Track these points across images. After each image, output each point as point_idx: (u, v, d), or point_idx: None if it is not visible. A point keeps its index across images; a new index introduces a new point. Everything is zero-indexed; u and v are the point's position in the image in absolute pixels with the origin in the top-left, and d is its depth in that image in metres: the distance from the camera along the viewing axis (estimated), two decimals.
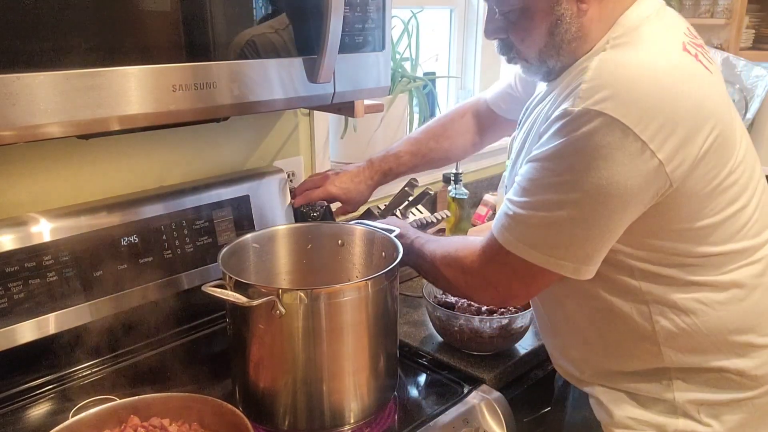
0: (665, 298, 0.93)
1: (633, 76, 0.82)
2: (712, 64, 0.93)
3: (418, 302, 1.41)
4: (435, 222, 1.50)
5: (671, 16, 0.96)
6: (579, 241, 0.87)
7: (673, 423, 0.96)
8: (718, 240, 0.91)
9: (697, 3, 2.69)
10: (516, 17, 0.93)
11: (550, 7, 0.89)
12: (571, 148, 0.83)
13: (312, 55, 1.00)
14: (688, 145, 0.83)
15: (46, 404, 1.08)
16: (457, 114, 1.40)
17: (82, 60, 0.78)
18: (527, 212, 0.89)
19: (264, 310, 0.91)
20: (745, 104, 2.48)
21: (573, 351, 1.07)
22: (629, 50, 0.87)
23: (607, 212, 0.85)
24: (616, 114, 0.80)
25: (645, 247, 0.91)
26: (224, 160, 1.39)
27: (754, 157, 0.99)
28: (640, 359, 0.98)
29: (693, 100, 0.84)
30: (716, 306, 0.93)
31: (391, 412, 1.07)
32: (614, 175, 0.82)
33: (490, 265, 0.96)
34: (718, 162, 0.87)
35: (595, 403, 1.04)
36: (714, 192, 0.88)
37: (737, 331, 0.94)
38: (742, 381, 0.96)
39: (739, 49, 2.62)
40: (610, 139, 0.80)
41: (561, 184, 0.85)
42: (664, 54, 0.87)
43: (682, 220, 0.89)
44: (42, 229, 1.07)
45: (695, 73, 0.87)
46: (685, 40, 0.91)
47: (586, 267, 0.89)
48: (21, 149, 1.10)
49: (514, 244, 0.90)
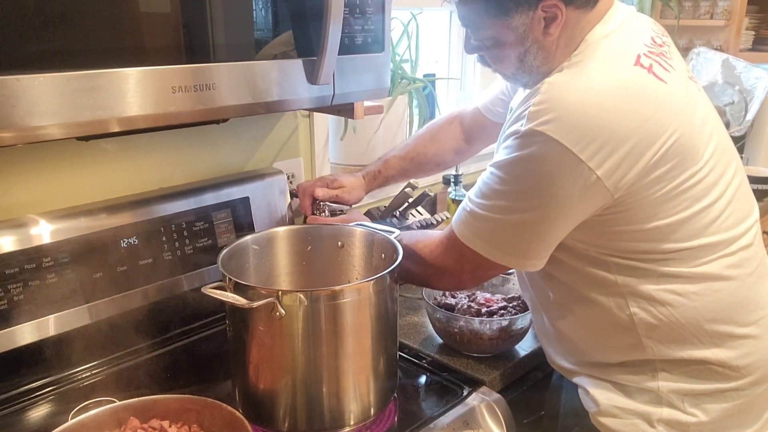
0: (641, 290, 0.98)
1: (576, 99, 0.89)
2: (673, 70, 0.96)
3: (418, 304, 1.41)
4: (435, 223, 1.50)
5: (637, 26, 0.99)
6: (525, 241, 0.98)
7: (658, 412, 1.00)
8: (686, 236, 0.95)
9: (696, 4, 2.69)
10: (489, 45, 1.01)
11: (519, 40, 0.97)
12: (519, 164, 0.93)
13: (312, 57, 1.00)
14: (632, 160, 0.89)
15: (45, 406, 1.08)
16: (445, 122, 1.44)
17: (82, 61, 0.78)
18: (483, 212, 0.98)
19: (264, 311, 0.91)
20: (745, 105, 2.48)
21: (562, 344, 1.12)
22: (578, 71, 0.92)
23: (549, 219, 0.94)
24: (556, 135, 0.88)
25: (611, 245, 0.98)
26: (224, 162, 1.39)
27: (727, 151, 1.02)
28: (624, 351, 1.02)
29: (638, 118, 0.89)
30: (691, 296, 0.97)
31: (390, 414, 1.06)
32: (555, 188, 0.91)
33: (447, 254, 1.05)
34: (675, 167, 0.92)
35: (583, 393, 1.08)
36: (669, 195, 0.93)
37: (714, 321, 0.97)
38: (725, 372, 0.98)
39: (738, 51, 2.62)
40: (552, 158, 0.89)
41: (511, 193, 0.95)
42: (612, 72, 0.92)
43: (632, 222, 0.94)
44: (42, 230, 1.07)
45: (644, 88, 0.91)
46: (643, 50, 0.94)
47: (531, 261, 0.99)
48: (21, 151, 1.10)
49: (469, 238, 1.00)
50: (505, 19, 0.94)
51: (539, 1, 0.92)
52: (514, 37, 0.96)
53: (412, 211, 1.47)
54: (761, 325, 1.00)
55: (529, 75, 1.00)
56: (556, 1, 0.91)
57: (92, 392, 1.09)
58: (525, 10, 0.93)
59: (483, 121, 1.38)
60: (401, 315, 1.37)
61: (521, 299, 1.30)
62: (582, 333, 1.07)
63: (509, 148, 0.93)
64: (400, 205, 1.42)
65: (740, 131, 2.44)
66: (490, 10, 0.95)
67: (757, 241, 1.04)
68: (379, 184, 1.41)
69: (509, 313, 1.25)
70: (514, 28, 0.95)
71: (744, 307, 0.99)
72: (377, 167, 1.41)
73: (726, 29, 2.64)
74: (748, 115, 2.47)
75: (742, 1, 2.57)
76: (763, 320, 1.00)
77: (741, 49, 2.65)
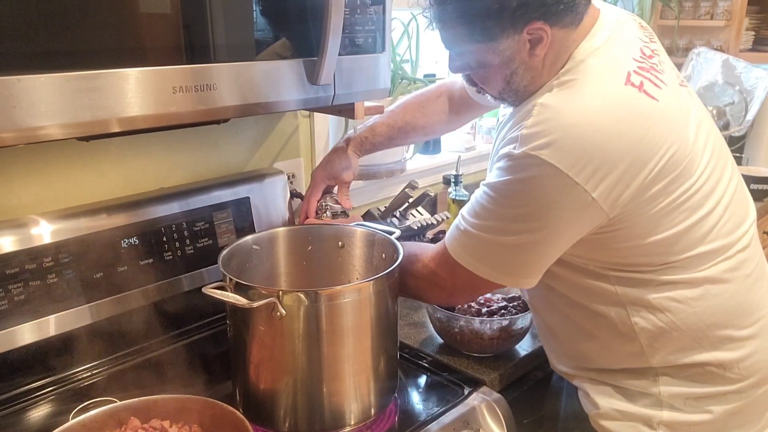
0: (641, 299, 0.97)
1: (569, 123, 0.88)
2: (664, 86, 0.94)
3: (418, 304, 1.41)
4: (435, 224, 1.50)
5: (625, 36, 0.98)
6: (519, 262, 0.97)
7: (658, 415, 1.00)
8: (685, 247, 0.95)
9: (696, 5, 2.69)
10: (475, 66, 1.00)
11: (505, 63, 0.95)
12: (513, 187, 0.92)
13: (312, 57, 1.00)
14: (627, 180, 0.89)
15: (46, 406, 1.08)
16: (433, 94, 1.41)
17: (82, 62, 0.78)
18: (476, 232, 0.97)
19: (264, 311, 0.91)
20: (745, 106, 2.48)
21: (562, 350, 1.12)
22: (570, 93, 0.91)
23: (544, 241, 0.94)
24: (552, 159, 0.87)
25: (609, 260, 0.98)
26: (224, 162, 1.39)
27: (723, 154, 1.02)
28: (626, 359, 1.02)
29: (632, 138, 0.88)
30: (691, 302, 0.96)
31: (391, 414, 1.06)
32: (551, 211, 0.91)
33: (439, 270, 1.04)
34: (672, 181, 0.91)
35: (583, 395, 1.08)
36: (666, 209, 0.92)
37: (714, 325, 0.97)
38: (726, 374, 0.98)
39: (739, 51, 2.62)
40: (547, 182, 0.89)
41: (505, 216, 0.94)
42: (604, 94, 0.91)
43: (630, 238, 0.94)
44: (42, 230, 1.07)
45: (636, 109, 0.90)
46: (632, 67, 0.93)
47: (525, 280, 0.99)
48: (22, 151, 1.10)
49: (463, 257, 0.99)
50: (490, 43, 0.93)
51: (524, 24, 0.90)
52: (500, 60, 0.95)
53: (412, 211, 1.47)
54: (760, 326, 1.00)
55: (516, 95, 0.99)
56: (541, 24, 0.90)
57: (92, 392, 1.09)
58: (510, 34, 0.91)
59: (469, 99, 1.37)
60: (401, 315, 1.37)
61: (521, 299, 1.30)
62: (583, 341, 1.06)
63: (502, 170, 0.92)
64: (400, 205, 1.42)
65: (740, 131, 2.45)
66: (474, 36, 0.93)
67: (754, 242, 1.03)
68: (365, 151, 1.39)
69: (509, 313, 1.25)
70: (500, 51, 0.94)
71: (743, 309, 0.99)
72: (363, 134, 1.38)
73: (726, 29, 2.64)
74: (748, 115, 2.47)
75: (742, 2, 2.57)
76: (761, 321, 1.00)
77: (741, 50, 2.65)
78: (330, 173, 1.34)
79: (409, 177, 1.61)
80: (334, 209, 1.33)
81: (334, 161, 1.35)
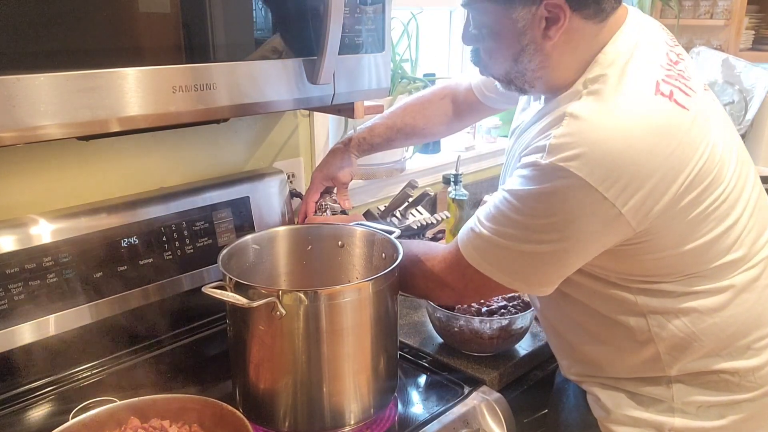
0: (661, 309, 0.96)
1: (601, 137, 0.85)
2: (693, 93, 0.92)
3: (418, 303, 1.41)
4: (435, 223, 1.50)
5: (651, 40, 0.95)
6: (537, 271, 0.94)
7: (670, 421, 0.99)
8: (713, 257, 0.93)
9: (696, 4, 2.69)
10: (485, 34, 0.97)
11: (516, 37, 0.93)
12: (537, 197, 0.89)
13: (312, 57, 1.00)
14: (658, 195, 0.86)
15: (46, 406, 1.08)
16: (436, 96, 1.40)
17: (82, 61, 0.78)
18: (493, 236, 0.94)
19: (264, 311, 0.91)
20: (745, 105, 2.48)
21: (575, 356, 1.09)
22: (601, 105, 0.88)
23: (566, 252, 0.91)
24: (581, 173, 0.84)
25: (633, 271, 0.95)
26: (224, 162, 1.39)
27: (746, 161, 1.00)
28: (641, 366, 1.00)
29: (663, 152, 0.86)
30: (711, 313, 0.95)
31: (391, 414, 1.06)
32: (576, 224, 0.88)
33: (450, 271, 1.01)
34: (703, 191, 0.89)
35: (594, 400, 1.06)
36: (696, 220, 0.90)
37: (735, 335, 0.96)
38: (741, 383, 0.97)
39: (738, 50, 2.62)
40: (575, 195, 0.86)
41: (527, 225, 0.91)
42: (636, 106, 0.88)
43: (656, 250, 0.92)
44: (42, 230, 1.07)
45: (668, 120, 0.88)
46: (661, 75, 0.91)
47: (542, 288, 0.96)
48: (21, 150, 1.10)
49: (477, 261, 0.96)
50: (507, 8, 0.90)
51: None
52: (512, 30, 0.92)
53: (412, 211, 1.47)
54: None
55: (523, 78, 0.96)
56: (562, 2, 0.88)
57: (92, 392, 1.09)
58: (528, 4, 0.89)
59: (474, 101, 1.35)
60: (401, 314, 1.37)
61: (521, 298, 1.30)
62: (595, 348, 1.04)
63: (527, 179, 0.89)
64: (400, 204, 1.42)
65: (740, 131, 2.45)
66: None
67: None
68: (364, 152, 1.38)
69: (509, 313, 1.25)
70: (514, 20, 0.91)
71: (763, 318, 0.97)
72: (362, 134, 1.36)
73: (726, 29, 2.64)
74: (748, 114, 2.48)
75: (742, 1, 2.56)
76: None
77: (741, 49, 2.65)
78: (328, 174, 1.34)
79: (409, 176, 1.61)
80: (333, 209, 1.33)
81: (332, 162, 1.34)
